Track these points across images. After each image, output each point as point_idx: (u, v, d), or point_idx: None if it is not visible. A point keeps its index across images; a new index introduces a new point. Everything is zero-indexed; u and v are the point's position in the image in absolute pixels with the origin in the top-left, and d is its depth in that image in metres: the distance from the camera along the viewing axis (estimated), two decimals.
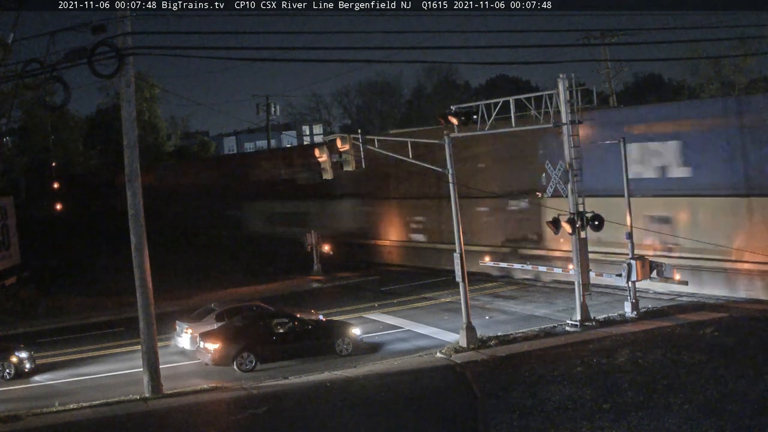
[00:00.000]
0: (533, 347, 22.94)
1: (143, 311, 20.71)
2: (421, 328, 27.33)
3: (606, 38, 47.71)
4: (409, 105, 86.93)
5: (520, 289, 33.27)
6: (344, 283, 38.77)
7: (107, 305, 35.12)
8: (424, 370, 21.70)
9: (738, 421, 15.29)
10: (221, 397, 20.20)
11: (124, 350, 26.32)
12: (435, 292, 33.29)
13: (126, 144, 20.63)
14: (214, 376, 22.38)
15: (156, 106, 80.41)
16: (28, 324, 32.33)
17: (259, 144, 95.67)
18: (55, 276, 44.77)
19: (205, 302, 29.85)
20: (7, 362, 23.15)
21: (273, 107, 69.11)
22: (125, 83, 20.31)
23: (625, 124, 30.70)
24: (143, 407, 19.60)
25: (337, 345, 24.13)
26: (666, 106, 37.20)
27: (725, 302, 26.98)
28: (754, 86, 53.55)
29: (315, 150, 27.10)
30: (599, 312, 26.28)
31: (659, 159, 29.85)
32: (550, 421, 16.27)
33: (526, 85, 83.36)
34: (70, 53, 18.74)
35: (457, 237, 24.48)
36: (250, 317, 24.89)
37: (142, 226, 20.64)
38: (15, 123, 62.00)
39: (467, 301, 24.13)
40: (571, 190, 25.12)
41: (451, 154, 24.57)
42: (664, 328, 23.79)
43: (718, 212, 28.23)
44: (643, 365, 19.75)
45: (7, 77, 21.86)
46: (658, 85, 78.24)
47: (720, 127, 28.38)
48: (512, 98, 25.58)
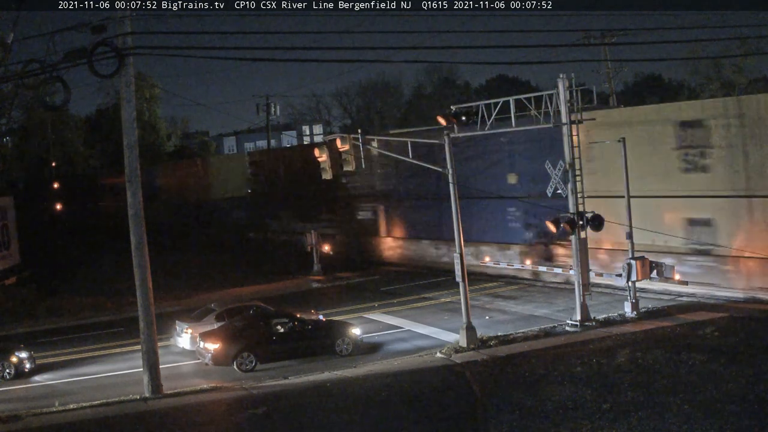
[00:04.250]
0: (533, 347, 22.94)
1: (143, 311, 20.71)
2: (421, 328, 27.33)
3: (606, 38, 47.75)
4: (409, 105, 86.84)
5: (520, 289, 33.27)
6: (344, 283, 38.79)
7: (107, 305, 35.12)
8: (424, 370, 21.70)
9: (738, 421, 15.28)
10: (221, 397, 20.20)
11: (124, 350, 26.32)
12: (435, 292, 33.32)
13: (126, 144, 20.63)
14: (214, 376, 22.38)
15: (156, 106, 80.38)
16: (28, 324, 32.35)
17: (259, 144, 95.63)
18: (55, 276, 44.77)
19: (205, 302, 29.88)
20: (7, 362, 23.16)
21: (273, 107, 69.11)
22: (125, 83, 20.31)
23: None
24: (143, 407, 19.60)
25: (337, 345, 24.13)
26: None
27: (725, 302, 26.97)
28: (754, 86, 53.53)
29: (315, 150, 27.12)
30: (599, 312, 26.27)
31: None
32: (550, 421, 16.27)
33: (526, 85, 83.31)
34: (70, 53, 18.74)
35: (457, 237, 24.48)
36: (250, 317, 24.89)
37: (142, 225, 20.66)
38: (15, 123, 62.07)
39: (467, 301, 24.14)
40: (571, 190, 25.12)
41: (451, 154, 24.58)
42: (664, 328, 23.79)
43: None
44: (643, 365, 19.75)
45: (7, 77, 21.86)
46: (658, 85, 78.22)
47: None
48: (512, 98, 25.61)
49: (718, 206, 27.69)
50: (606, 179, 29.24)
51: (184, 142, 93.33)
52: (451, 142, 24.77)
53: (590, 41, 48.15)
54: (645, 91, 74.09)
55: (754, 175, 26.86)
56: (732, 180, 27.41)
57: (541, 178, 33.28)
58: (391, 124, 79.57)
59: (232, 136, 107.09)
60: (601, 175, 29.52)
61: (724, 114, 27.52)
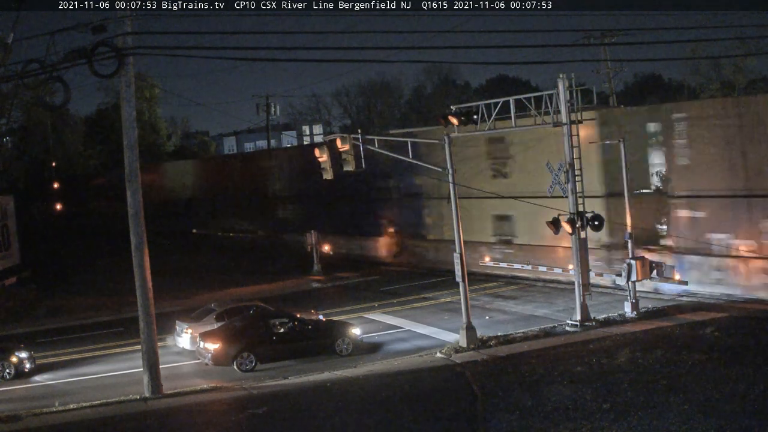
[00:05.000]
0: (533, 347, 22.95)
1: (143, 311, 20.71)
2: (421, 328, 27.33)
3: (606, 38, 47.69)
4: (409, 105, 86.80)
5: (520, 289, 33.27)
6: (344, 283, 38.79)
7: (107, 305, 35.13)
8: (424, 370, 21.70)
9: (738, 421, 15.28)
10: (221, 397, 20.21)
11: (124, 350, 26.33)
12: (435, 292, 33.32)
13: (126, 144, 20.64)
14: (214, 376, 22.38)
15: (156, 106, 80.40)
16: (28, 324, 32.35)
17: (259, 144, 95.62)
18: (55, 276, 44.76)
19: (205, 302, 29.85)
20: (7, 362, 23.17)
21: (273, 107, 69.10)
22: (125, 83, 20.32)
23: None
24: (143, 407, 19.60)
25: (337, 345, 24.13)
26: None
27: (725, 302, 26.98)
28: (754, 86, 53.53)
29: (315, 150, 27.10)
30: (599, 312, 26.28)
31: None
32: (550, 421, 16.27)
33: (526, 85, 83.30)
34: (70, 53, 18.73)
35: (457, 237, 24.48)
36: (250, 317, 24.88)
37: (142, 226, 20.65)
38: (15, 123, 62.09)
39: (467, 301, 24.14)
40: (571, 190, 25.12)
41: (451, 154, 24.58)
42: (664, 328, 23.80)
43: None
44: (643, 365, 19.76)
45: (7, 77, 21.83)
46: (658, 85, 78.18)
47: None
48: (512, 98, 25.60)
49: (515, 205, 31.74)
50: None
51: (184, 142, 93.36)
52: (451, 142, 24.84)
53: (590, 41, 48.11)
54: (645, 91, 74.03)
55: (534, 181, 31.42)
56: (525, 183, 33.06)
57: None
58: (391, 124, 79.52)
59: (232, 136, 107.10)
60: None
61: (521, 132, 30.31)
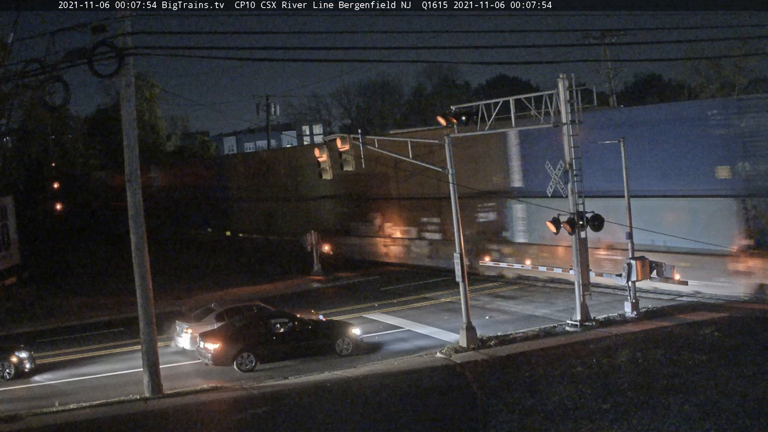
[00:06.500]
0: (533, 347, 22.94)
1: (143, 311, 20.71)
2: (421, 328, 27.33)
3: (606, 38, 47.74)
4: (409, 105, 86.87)
5: (520, 289, 33.27)
6: (344, 283, 38.79)
7: (107, 305, 35.13)
8: (424, 370, 21.70)
9: (738, 421, 15.28)
10: (221, 397, 20.20)
11: (124, 350, 26.33)
12: (435, 292, 33.32)
13: (126, 144, 20.63)
14: (214, 376, 22.38)
15: (156, 106, 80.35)
16: (28, 324, 32.34)
17: (259, 144, 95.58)
18: (55, 276, 44.77)
19: (205, 302, 29.86)
20: (7, 362, 23.17)
21: (273, 107, 69.17)
22: (125, 83, 20.31)
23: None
24: (143, 407, 19.60)
25: (337, 345, 24.13)
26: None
27: (725, 302, 26.98)
28: (754, 86, 53.55)
29: (315, 150, 27.10)
30: (599, 312, 26.28)
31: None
32: (550, 420, 16.27)
33: (526, 85, 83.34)
34: (70, 53, 18.74)
35: (457, 237, 24.48)
36: (250, 317, 24.88)
37: (142, 225, 20.65)
38: (15, 123, 62.01)
39: (467, 301, 24.13)
40: (571, 190, 25.12)
41: (451, 154, 24.58)
42: (664, 328, 23.79)
43: None
44: (643, 365, 19.75)
45: (7, 77, 21.85)
46: (658, 85, 78.19)
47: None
48: (512, 98, 25.58)
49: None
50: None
51: (184, 142, 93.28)
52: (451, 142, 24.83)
53: (590, 41, 48.14)
54: (645, 91, 74.06)
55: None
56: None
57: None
58: (391, 124, 79.55)
59: (232, 136, 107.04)
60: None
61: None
